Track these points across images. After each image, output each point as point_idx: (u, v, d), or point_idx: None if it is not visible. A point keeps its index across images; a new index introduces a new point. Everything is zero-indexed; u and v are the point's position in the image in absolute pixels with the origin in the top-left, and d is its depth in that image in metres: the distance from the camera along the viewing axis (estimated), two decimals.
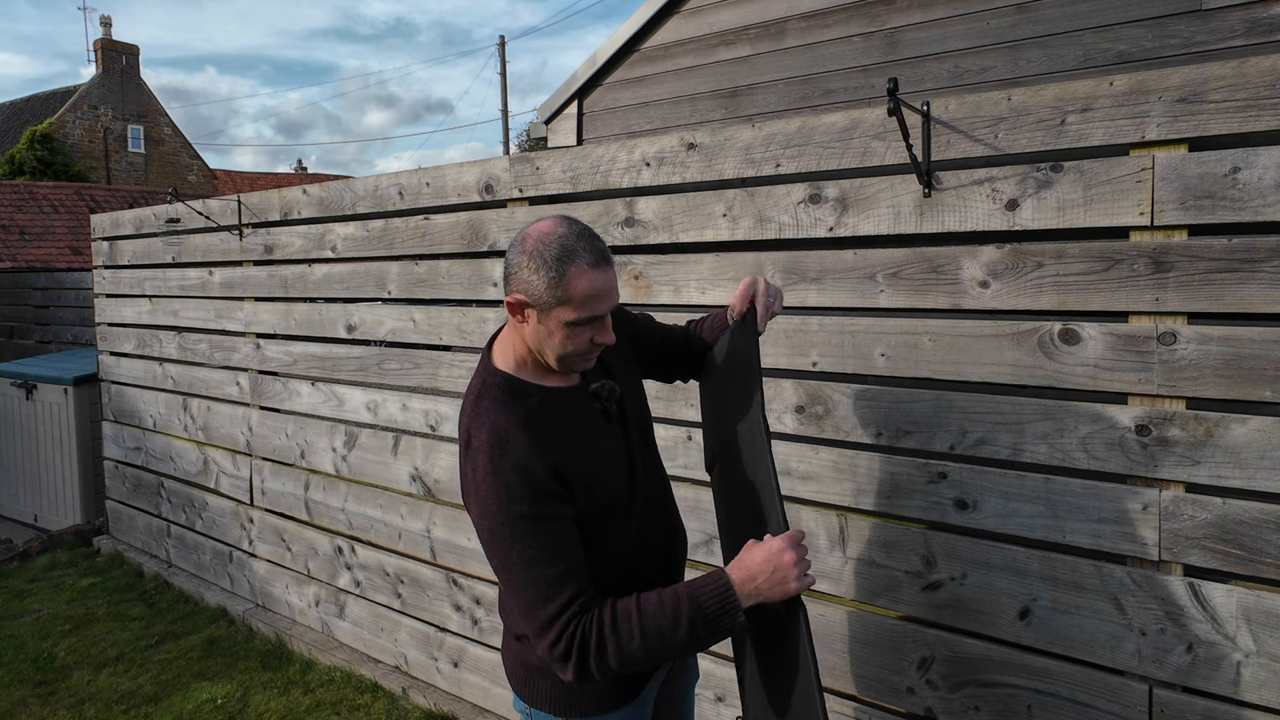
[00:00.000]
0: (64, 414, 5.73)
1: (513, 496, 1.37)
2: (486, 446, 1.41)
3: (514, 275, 1.43)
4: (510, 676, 1.65)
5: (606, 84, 6.07)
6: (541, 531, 1.38)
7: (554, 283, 1.39)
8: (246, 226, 4.05)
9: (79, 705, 3.44)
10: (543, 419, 1.46)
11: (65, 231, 14.93)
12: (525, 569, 1.37)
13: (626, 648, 1.34)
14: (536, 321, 1.44)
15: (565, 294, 1.39)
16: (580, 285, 1.39)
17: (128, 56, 27.70)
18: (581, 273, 1.39)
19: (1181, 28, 3.91)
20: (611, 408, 1.58)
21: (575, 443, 1.48)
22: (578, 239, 1.41)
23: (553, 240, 1.40)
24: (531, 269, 1.40)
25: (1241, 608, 1.71)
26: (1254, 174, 1.67)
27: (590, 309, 1.41)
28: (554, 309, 1.41)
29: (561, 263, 1.38)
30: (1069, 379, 1.89)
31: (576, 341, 1.44)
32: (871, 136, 2.11)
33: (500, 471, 1.38)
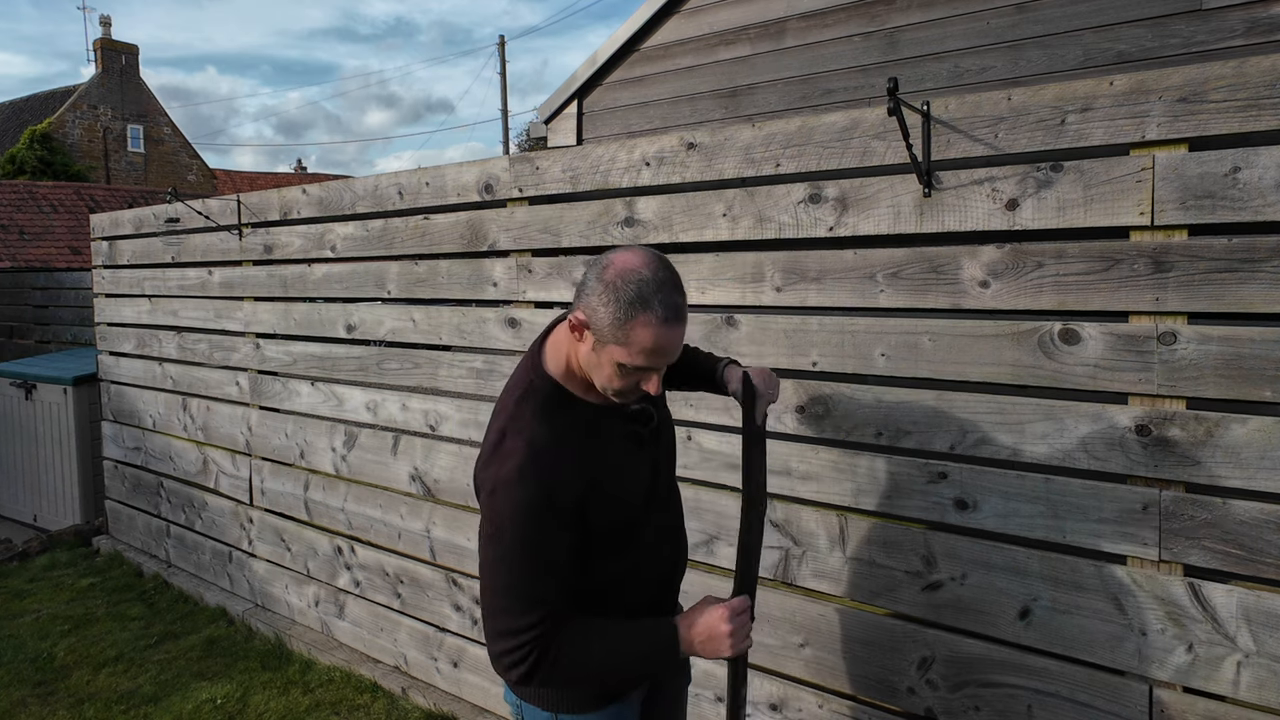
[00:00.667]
0: (63, 414, 5.73)
1: (528, 514, 1.39)
2: (519, 455, 1.41)
3: (585, 296, 1.40)
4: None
5: (606, 84, 6.07)
6: (539, 554, 1.40)
7: (619, 323, 1.36)
8: (246, 226, 4.05)
9: (78, 705, 3.44)
10: (578, 436, 1.48)
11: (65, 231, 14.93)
12: (509, 579, 1.40)
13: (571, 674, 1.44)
14: (590, 349, 1.43)
15: (626, 338, 1.37)
16: (643, 336, 1.36)
17: (127, 56, 27.69)
18: (649, 324, 1.36)
19: (1181, 27, 3.91)
20: (644, 433, 1.59)
21: (603, 463, 1.49)
22: (658, 289, 1.36)
23: (633, 280, 1.36)
24: (603, 300, 1.37)
25: (1242, 608, 1.71)
26: (1254, 174, 1.66)
27: (646, 360, 1.39)
28: (610, 345, 1.39)
29: (633, 307, 1.35)
30: (1069, 379, 1.88)
31: (623, 381, 1.44)
32: (871, 136, 2.11)
33: (525, 486, 1.39)
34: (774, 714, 2.40)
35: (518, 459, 1.41)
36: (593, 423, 1.51)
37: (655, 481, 1.61)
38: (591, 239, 2.70)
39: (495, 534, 1.42)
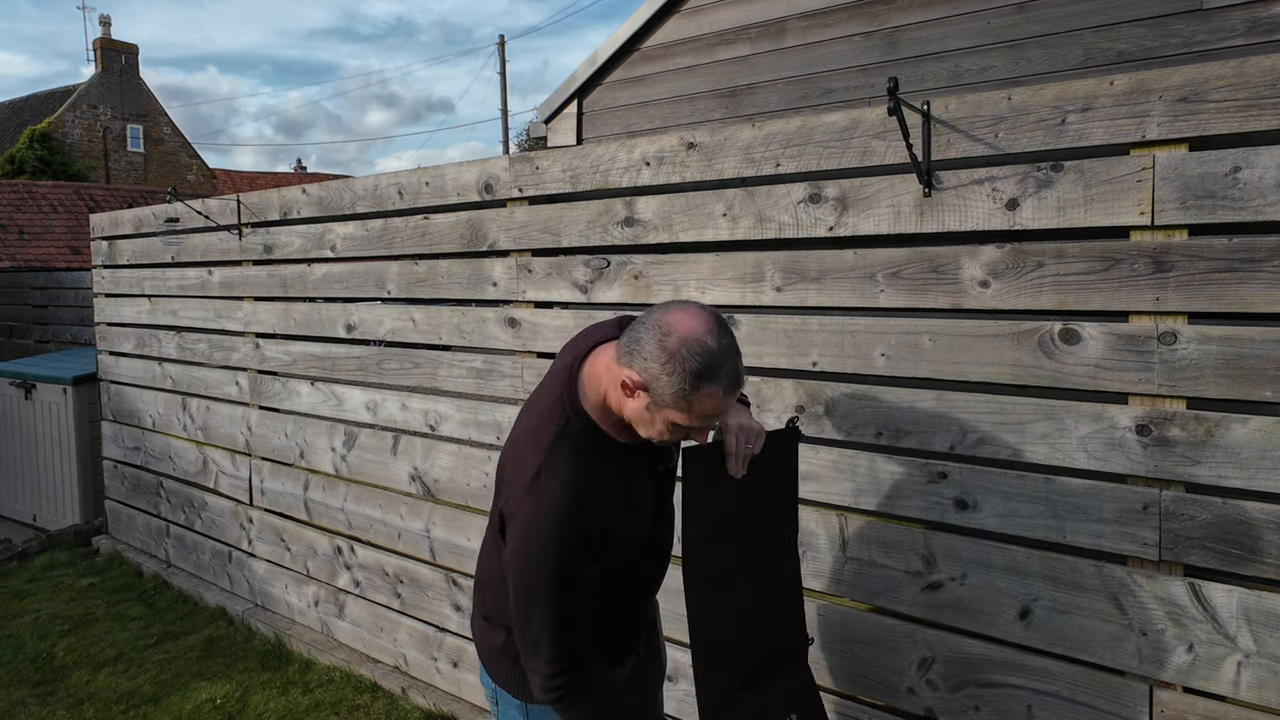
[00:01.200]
0: (63, 414, 5.73)
1: (565, 557, 1.44)
2: (557, 498, 1.44)
3: (642, 359, 1.37)
4: (480, 652, 1.73)
5: (606, 83, 6.07)
6: (572, 592, 1.47)
7: (683, 394, 1.35)
8: (246, 226, 4.05)
9: (78, 705, 3.44)
10: (605, 479, 1.51)
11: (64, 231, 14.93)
12: (546, 616, 1.46)
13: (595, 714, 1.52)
14: (644, 407, 1.42)
15: (689, 407, 1.37)
16: (707, 405, 1.37)
17: (127, 56, 27.69)
18: (714, 395, 1.36)
19: (1182, 27, 3.91)
20: (659, 469, 1.64)
21: (625, 502, 1.54)
22: (723, 358, 1.36)
23: (699, 352, 1.34)
24: (666, 370, 1.35)
25: (1242, 608, 1.71)
26: (1254, 173, 1.66)
27: (703, 423, 1.42)
28: (668, 410, 1.39)
29: (699, 380, 1.34)
30: (1069, 379, 1.88)
31: (673, 436, 1.46)
32: (871, 136, 2.11)
33: (562, 527, 1.43)
34: None
35: (554, 503, 1.43)
36: (619, 463, 1.55)
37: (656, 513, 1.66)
38: (591, 239, 2.69)
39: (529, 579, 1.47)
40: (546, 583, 1.44)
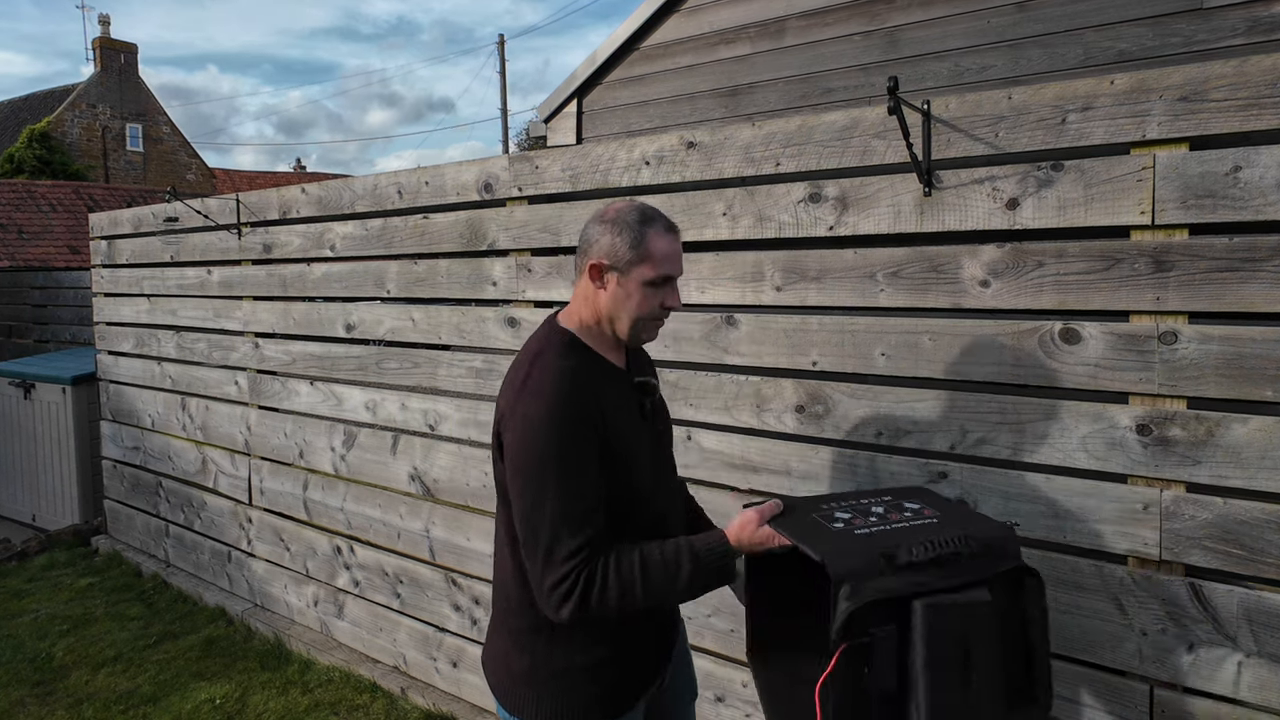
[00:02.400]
0: (62, 413, 5.72)
1: (567, 426, 1.45)
2: (550, 383, 1.48)
3: (594, 244, 1.56)
4: (492, 684, 1.64)
5: (606, 82, 6.06)
6: (578, 472, 1.45)
7: (636, 242, 1.53)
8: (245, 225, 4.04)
9: (77, 705, 3.43)
10: (598, 376, 1.56)
11: (64, 230, 14.92)
12: (554, 507, 1.43)
13: (625, 596, 1.42)
14: (616, 285, 1.55)
15: (646, 251, 1.53)
16: (659, 245, 1.54)
17: (126, 55, 27.67)
18: (660, 235, 1.55)
19: (1182, 26, 3.90)
20: (647, 405, 1.65)
21: (616, 409, 1.55)
22: (653, 210, 1.59)
23: (631, 210, 1.57)
24: (614, 234, 1.54)
25: (1243, 608, 1.71)
26: (1255, 173, 1.66)
27: (667, 268, 1.55)
28: (635, 268, 1.53)
29: (643, 226, 1.54)
30: (1069, 378, 1.88)
31: (651, 303, 1.56)
32: (872, 135, 2.10)
33: (559, 402, 1.46)
34: None
35: (547, 390, 1.47)
36: (608, 372, 1.59)
37: (655, 457, 1.65)
38: None
39: (538, 464, 1.44)
40: (552, 470, 1.43)
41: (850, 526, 1.43)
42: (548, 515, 1.43)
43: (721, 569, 1.48)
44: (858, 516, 1.48)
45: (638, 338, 1.60)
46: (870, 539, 1.37)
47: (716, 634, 2.49)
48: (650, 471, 1.61)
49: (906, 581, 1.29)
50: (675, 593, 1.46)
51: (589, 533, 1.43)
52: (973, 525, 1.42)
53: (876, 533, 1.40)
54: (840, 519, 1.47)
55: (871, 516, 1.48)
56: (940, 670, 1.27)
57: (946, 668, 1.27)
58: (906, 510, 1.50)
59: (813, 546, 1.35)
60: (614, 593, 1.42)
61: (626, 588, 1.42)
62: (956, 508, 1.54)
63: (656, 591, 1.44)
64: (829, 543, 1.36)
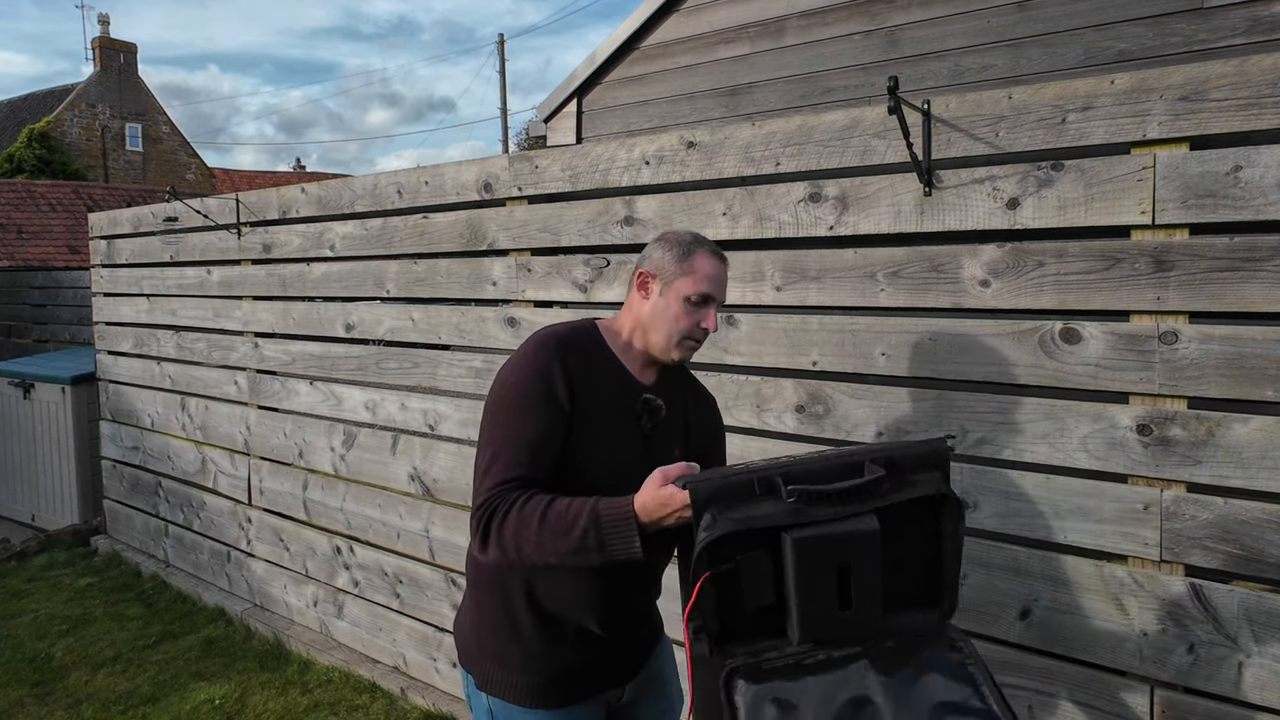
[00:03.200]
0: (61, 413, 5.72)
1: (533, 378, 1.51)
2: (535, 340, 1.57)
3: (648, 258, 1.65)
4: (456, 639, 1.73)
5: (606, 82, 6.06)
6: (538, 419, 1.50)
7: (682, 258, 1.61)
8: (245, 225, 4.04)
9: (76, 705, 3.43)
10: (593, 359, 1.59)
11: (63, 230, 14.91)
12: (505, 440, 1.50)
13: (522, 531, 1.42)
14: (659, 295, 1.61)
15: (689, 268, 1.60)
16: (702, 264, 1.61)
17: (125, 55, 27.66)
18: (705, 256, 1.62)
19: (1183, 26, 3.90)
20: (646, 425, 1.63)
21: (601, 397, 1.57)
22: (707, 239, 1.67)
23: (688, 234, 1.66)
24: (665, 249, 1.63)
25: (1243, 608, 1.71)
26: (1255, 173, 1.66)
27: (706, 287, 1.60)
28: (677, 280, 1.60)
29: (692, 245, 1.63)
30: (1070, 378, 1.88)
31: (688, 320, 1.60)
32: (872, 135, 2.10)
33: (536, 356, 1.54)
34: None
35: (536, 340, 1.57)
36: (612, 370, 1.61)
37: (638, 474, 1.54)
38: (591, 238, 2.69)
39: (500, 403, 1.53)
40: (511, 405, 1.51)
41: (751, 467, 1.36)
42: (487, 451, 1.51)
43: (622, 534, 1.36)
44: (774, 464, 1.36)
45: (668, 354, 1.62)
46: (759, 472, 1.31)
47: None
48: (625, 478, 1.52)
49: (785, 510, 1.27)
50: (570, 549, 1.39)
51: (517, 473, 1.47)
52: (894, 450, 1.36)
53: (772, 466, 1.33)
54: (755, 465, 1.38)
55: (789, 460, 1.38)
56: (813, 596, 1.27)
57: (820, 594, 1.27)
58: (838, 454, 1.40)
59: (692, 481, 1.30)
60: (511, 528, 1.42)
61: (523, 525, 1.41)
62: (901, 445, 1.42)
63: (550, 540, 1.40)
64: (712, 478, 1.31)
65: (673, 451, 1.66)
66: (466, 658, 1.68)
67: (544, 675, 1.59)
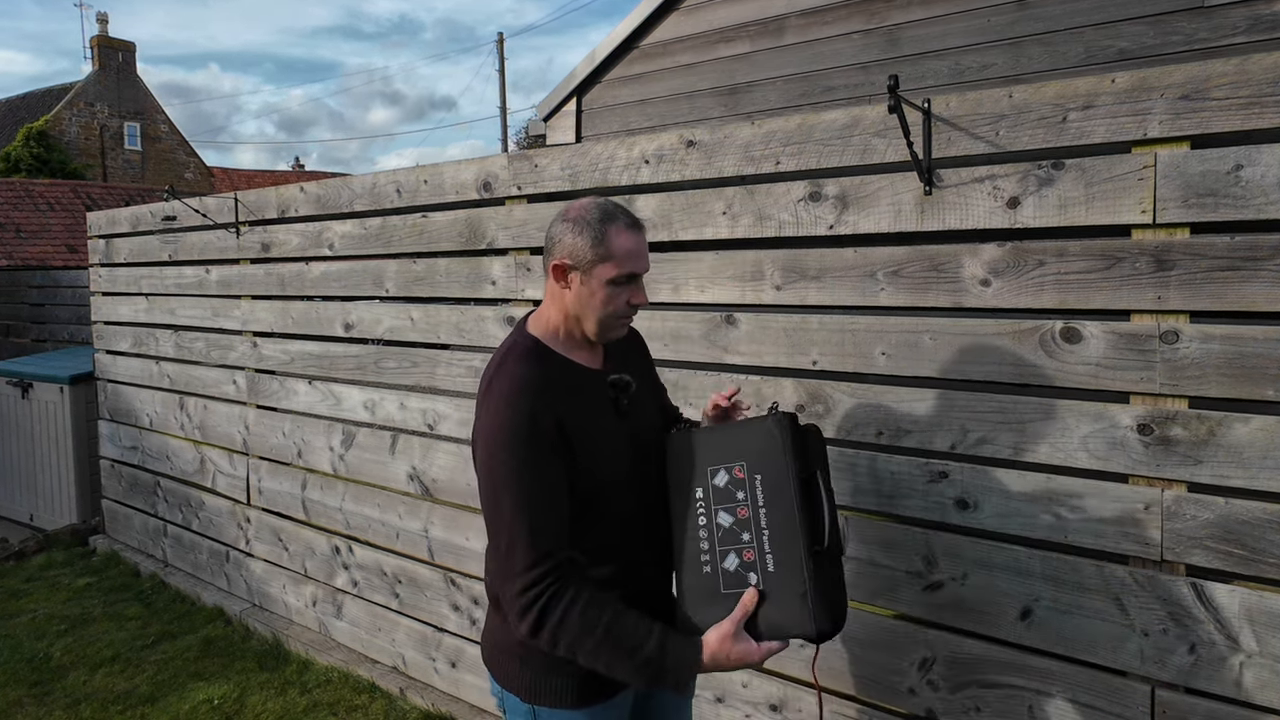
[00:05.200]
0: (60, 413, 5.71)
1: (521, 439, 1.44)
2: (505, 392, 1.49)
3: (557, 243, 1.55)
4: (486, 661, 1.67)
5: (605, 81, 6.05)
6: (539, 480, 1.44)
7: (597, 241, 1.51)
8: (243, 224, 4.03)
9: (75, 706, 3.43)
10: (560, 383, 1.54)
11: (61, 229, 14.89)
12: (516, 512, 1.43)
13: (583, 636, 1.41)
14: (579, 284, 1.54)
15: (607, 251, 1.51)
16: (620, 243, 1.52)
17: (124, 53, 27.61)
18: (620, 232, 1.52)
19: (1184, 24, 3.90)
20: (623, 402, 1.62)
21: (583, 413, 1.53)
22: (615, 207, 1.57)
23: (593, 208, 1.55)
24: (575, 233, 1.53)
25: (1244, 608, 1.70)
26: (1256, 172, 1.66)
27: (629, 266, 1.53)
28: (596, 267, 1.52)
29: (603, 224, 1.52)
30: (1070, 378, 1.88)
31: (616, 302, 1.54)
32: (872, 134, 2.10)
33: (517, 413, 1.46)
34: (774, 714, 2.39)
35: (504, 396, 1.48)
36: (576, 374, 1.58)
37: (634, 454, 1.61)
38: None
39: (494, 473, 1.46)
40: (511, 470, 1.43)
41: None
42: (505, 526, 1.44)
43: (680, 675, 1.42)
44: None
45: (605, 335, 1.59)
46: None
47: None
48: (628, 468, 1.58)
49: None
50: (627, 672, 1.43)
51: (549, 542, 1.43)
52: None
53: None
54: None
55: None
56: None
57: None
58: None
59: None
60: (571, 633, 1.41)
61: (585, 633, 1.40)
62: None
63: (608, 655, 1.41)
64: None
65: (650, 411, 1.71)
66: (505, 676, 1.61)
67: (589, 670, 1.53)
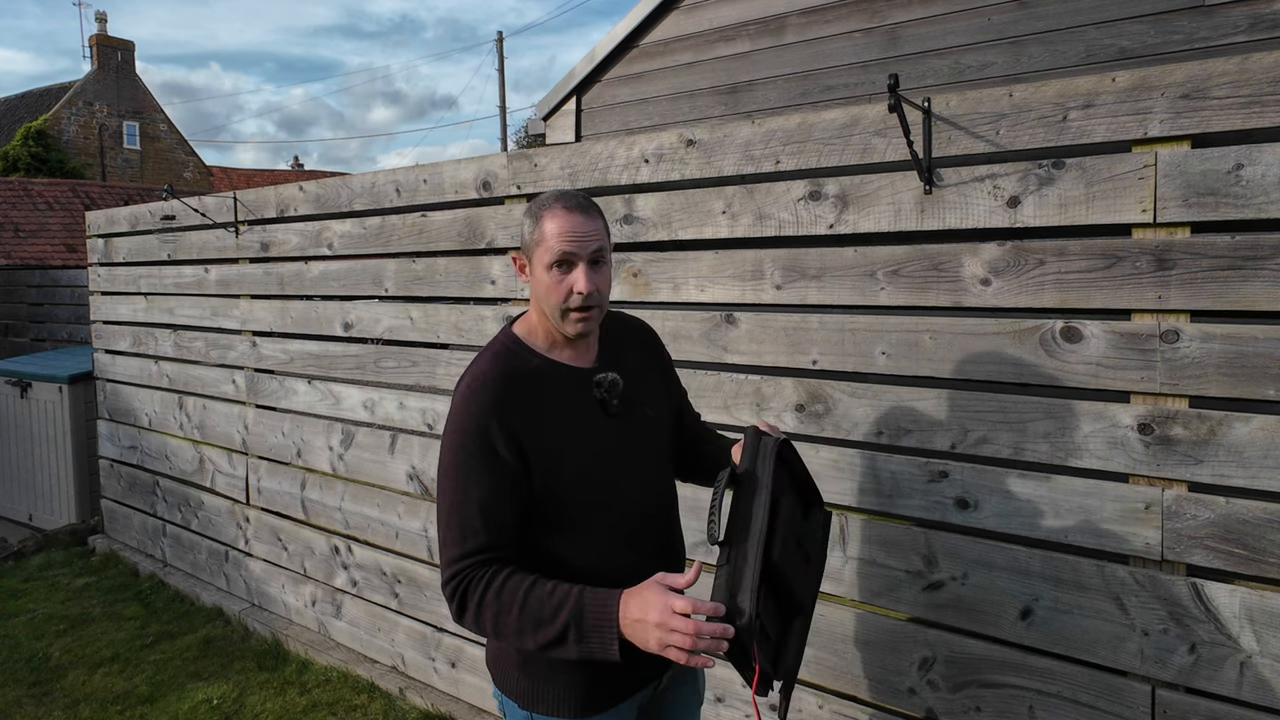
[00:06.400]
0: (59, 412, 5.70)
1: (467, 437, 1.45)
2: (465, 389, 1.50)
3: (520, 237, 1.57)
4: (488, 662, 1.66)
5: (605, 80, 6.05)
6: (474, 482, 1.44)
7: (533, 227, 1.51)
8: (243, 224, 4.03)
9: (74, 706, 3.42)
10: (528, 381, 1.52)
11: (60, 229, 14.88)
12: (454, 507, 1.45)
13: (502, 615, 1.41)
14: (530, 273, 1.54)
15: (541, 235, 1.49)
16: (550, 225, 1.48)
17: (123, 52, 27.59)
18: (554, 215, 1.48)
19: (1184, 23, 3.90)
20: (611, 401, 1.57)
21: (553, 414, 1.51)
22: (564, 193, 1.53)
23: (545, 195, 1.54)
24: (523, 222, 1.54)
25: (1245, 608, 1.70)
26: (1257, 171, 1.65)
27: (559, 246, 1.47)
28: (534, 252, 1.51)
29: (539, 208, 1.51)
30: (1071, 377, 1.87)
31: (559, 291, 1.49)
32: (872, 133, 2.09)
33: (468, 413, 1.46)
34: (774, 714, 2.39)
35: (463, 394, 1.49)
36: (548, 373, 1.54)
37: (625, 455, 1.57)
38: None
39: (444, 466, 1.48)
40: (452, 469, 1.45)
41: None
42: (443, 519, 1.47)
43: (602, 636, 1.34)
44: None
45: (572, 329, 1.52)
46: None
47: None
48: (611, 469, 1.54)
49: None
50: (549, 640, 1.37)
51: (476, 541, 1.43)
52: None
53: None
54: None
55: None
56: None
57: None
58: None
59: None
60: (490, 611, 1.41)
61: (503, 611, 1.40)
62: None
63: (530, 628, 1.38)
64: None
65: (649, 415, 1.64)
66: (504, 680, 1.60)
67: (589, 679, 1.53)
